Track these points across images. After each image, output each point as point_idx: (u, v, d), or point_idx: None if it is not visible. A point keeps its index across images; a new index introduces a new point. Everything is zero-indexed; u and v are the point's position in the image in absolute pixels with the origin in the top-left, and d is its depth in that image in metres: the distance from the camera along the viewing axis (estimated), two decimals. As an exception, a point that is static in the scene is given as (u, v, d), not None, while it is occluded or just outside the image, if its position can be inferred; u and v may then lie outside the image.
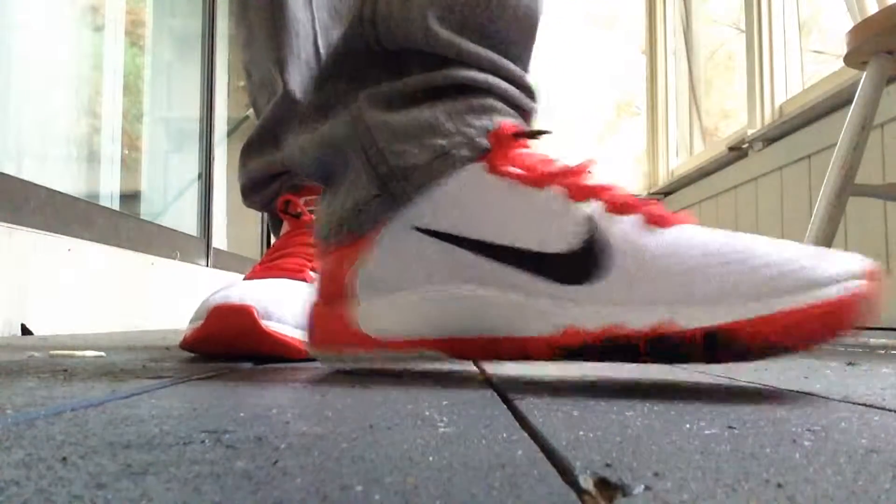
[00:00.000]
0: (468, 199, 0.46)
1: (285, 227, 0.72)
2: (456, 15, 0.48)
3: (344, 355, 0.48)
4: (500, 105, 0.50)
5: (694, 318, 0.37)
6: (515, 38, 0.52)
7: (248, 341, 0.55)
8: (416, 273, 0.46)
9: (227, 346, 0.56)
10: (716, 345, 0.37)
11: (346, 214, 0.49)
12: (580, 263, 0.41)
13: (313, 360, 0.59)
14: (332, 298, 0.50)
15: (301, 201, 0.70)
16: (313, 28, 0.73)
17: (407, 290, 0.47)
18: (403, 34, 0.48)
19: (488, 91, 0.50)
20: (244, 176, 0.78)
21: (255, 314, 0.55)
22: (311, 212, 0.70)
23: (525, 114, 0.53)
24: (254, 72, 0.78)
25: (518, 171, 0.46)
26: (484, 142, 0.47)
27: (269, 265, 0.66)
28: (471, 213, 0.45)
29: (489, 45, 0.50)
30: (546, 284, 0.42)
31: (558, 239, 0.42)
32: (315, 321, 0.51)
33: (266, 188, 0.76)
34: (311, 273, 0.64)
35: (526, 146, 0.48)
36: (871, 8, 1.07)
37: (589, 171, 0.45)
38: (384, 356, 0.47)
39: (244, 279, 0.64)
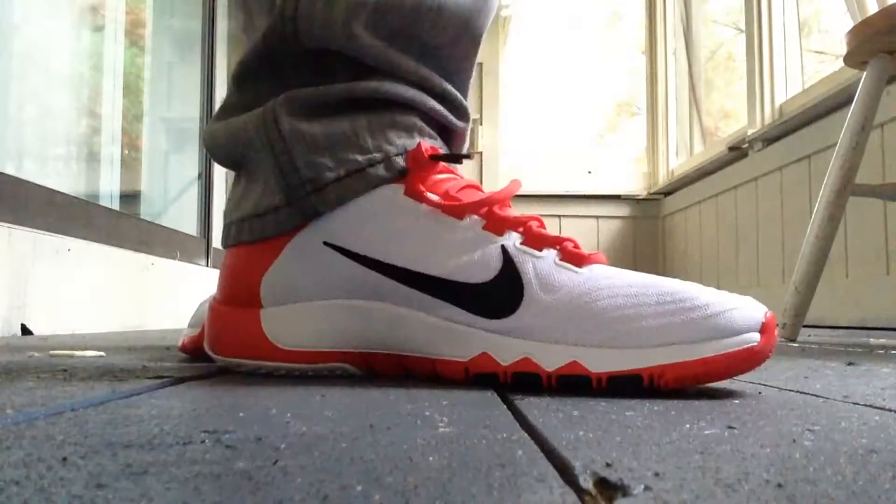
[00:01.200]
0: (382, 222, 0.44)
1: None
2: (387, 22, 0.46)
3: (246, 363, 0.46)
4: (422, 125, 0.48)
5: (599, 362, 0.39)
6: (452, 53, 0.50)
7: None
8: (326, 285, 0.45)
9: None
10: (621, 387, 0.39)
11: (255, 216, 0.47)
12: (494, 295, 0.42)
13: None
14: (235, 300, 0.47)
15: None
16: None
17: (316, 301, 0.45)
18: (325, 35, 0.46)
19: (414, 108, 0.48)
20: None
21: None
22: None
23: (454, 134, 0.51)
24: None
25: (436, 197, 0.44)
26: (402, 162, 0.46)
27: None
28: (385, 237, 0.44)
29: (422, 58, 0.48)
30: (461, 312, 0.42)
31: (473, 271, 0.42)
32: (217, 324, 0.48)
33: None
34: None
35: (446, 170, 0.47)
36: (871, 8, 1.07)
37: (508, 201, 0.45)
38: (290, 367, 0.45)
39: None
